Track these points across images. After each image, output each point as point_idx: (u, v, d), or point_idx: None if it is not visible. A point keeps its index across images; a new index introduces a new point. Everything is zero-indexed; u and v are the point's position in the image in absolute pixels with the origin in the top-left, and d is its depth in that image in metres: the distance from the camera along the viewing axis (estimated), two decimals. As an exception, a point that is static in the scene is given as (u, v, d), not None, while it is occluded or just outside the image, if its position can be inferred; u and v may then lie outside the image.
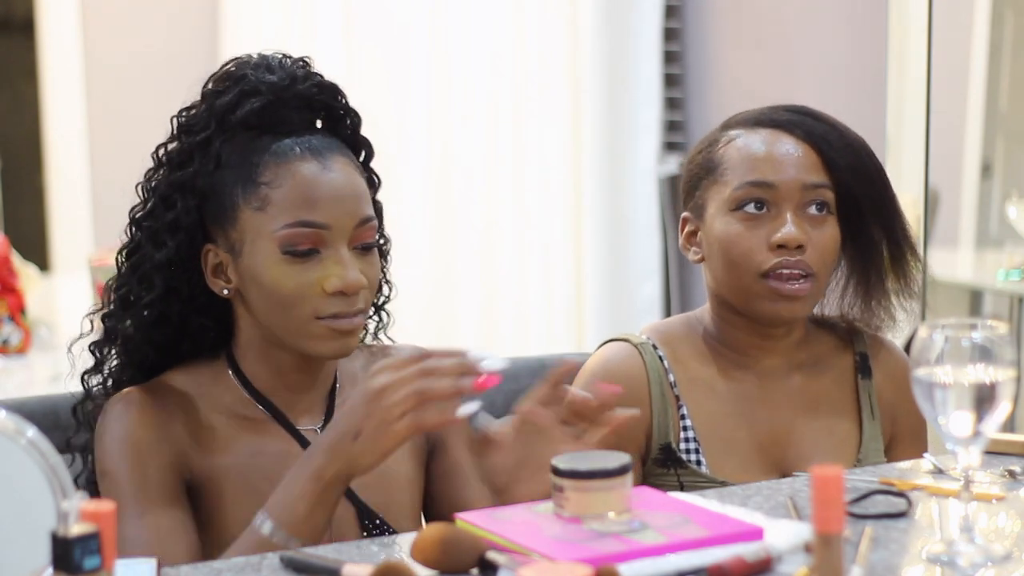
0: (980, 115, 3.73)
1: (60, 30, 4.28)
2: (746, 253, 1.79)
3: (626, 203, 4.26)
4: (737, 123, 1.87)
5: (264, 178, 1.60)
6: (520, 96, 4.23)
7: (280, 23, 4.18)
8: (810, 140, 1.82)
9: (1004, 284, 3.54)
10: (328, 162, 1.61)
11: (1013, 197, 3.56)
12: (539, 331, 4.25)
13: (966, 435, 1.36)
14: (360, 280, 1.59)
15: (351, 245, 1.61)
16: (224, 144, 1.64)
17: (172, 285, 1.66)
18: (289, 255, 1.59)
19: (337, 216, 1.60)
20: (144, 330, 1.68)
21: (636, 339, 1.87)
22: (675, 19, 4.28)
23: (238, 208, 1.62)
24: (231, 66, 1.68)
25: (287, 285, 1.59)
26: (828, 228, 1.81)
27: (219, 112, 1.65)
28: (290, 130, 1.64)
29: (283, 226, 1.59)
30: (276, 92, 1.64)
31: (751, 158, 1.81)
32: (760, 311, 1.81)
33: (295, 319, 1.60)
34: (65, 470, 1.30)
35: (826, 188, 1.81)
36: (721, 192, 1.82)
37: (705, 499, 1.54)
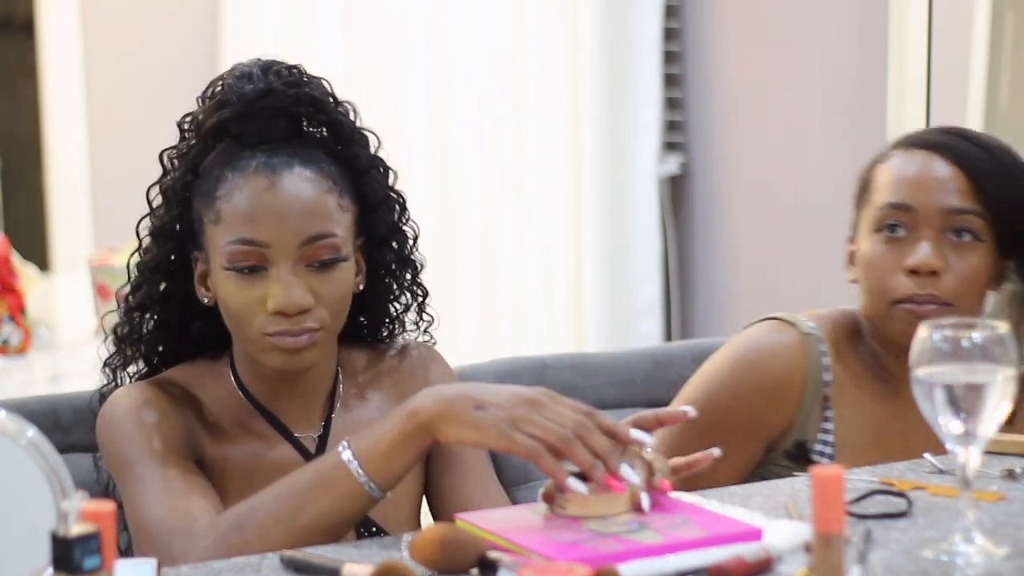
0: (980, 115, 3.73)
1: (60, 30, 4.28)
2: (882, 276, 1.77)
3: (626, 203, 4.25)
4: (900, 143, 1.84)
5: (220, 192, 1.61)
6: (520, 96, 4.22)
7: (280, 23, 4.18)
8: (960, 163, 1.77)
9: (1004, 284, 3.54)
10: (278, 179, 1.60)
11: (1013, 197, 3.56)
12: (539, 331, 4.24)
13: (966, 435, 1.36)
14: (302, 301, 1.58)
15: (302, 262, 1.59)
16: (201, 153, 1.65)
17: (168, 291, 1.68)
18: (234, 271, 1.59)
19: (278, 234, 1.58)
20: (148, 335, 1.69)
21: (803, 327, 1.82)
22: (675, 19, 4.28)
23: (203, 219, 1.63)
24: (222, 75, 1.68)
25: (234, 301, 1.60)
26: (973, 256, 1.77)
27: (197, 121, 1.66)
28: (260, 141, 1.63)
29: (227, 242, 1.60)
30: (246, 103, 1.63)
31: (896, 180, 1.79)
32: (893, 338, 1.77)
33: (247, 333, 1.61)
34: (65, 470, 1.30)
35: (972, 215, 1.76)
36: (869, 212, 1.81)
37: (705, 499, 1.54)
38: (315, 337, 1.60)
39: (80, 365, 3.14)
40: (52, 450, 1.30)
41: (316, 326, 1.60)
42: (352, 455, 1.46)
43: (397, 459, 1.46)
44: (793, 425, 1.79)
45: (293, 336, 1.59)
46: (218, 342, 1.71)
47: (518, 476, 2.00)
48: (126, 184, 4.50)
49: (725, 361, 1.82)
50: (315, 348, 1.61)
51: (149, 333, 1.70)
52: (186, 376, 1.68)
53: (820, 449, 1.79)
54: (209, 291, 1.65)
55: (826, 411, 1.80)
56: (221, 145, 1.65)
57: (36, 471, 1.28)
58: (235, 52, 4.19)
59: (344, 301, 1.64)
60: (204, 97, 1.68)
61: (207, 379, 1.68)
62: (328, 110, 1.67)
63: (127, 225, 4.52)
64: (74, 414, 1.84)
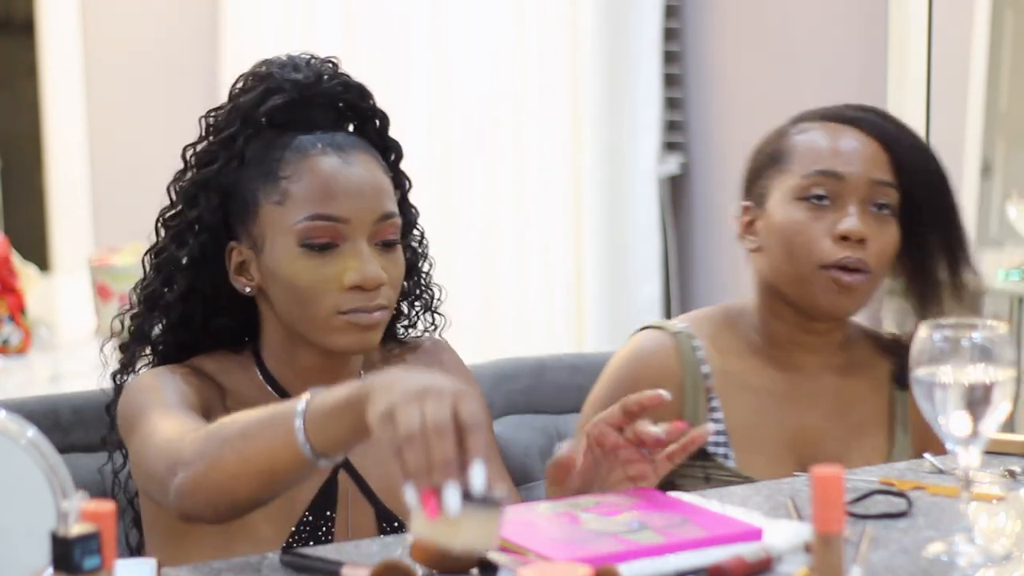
0: (980, 115, 3.73)
1: (60, 30, 4.28)
2: (808, 243, 1.79)
3: (626, 203, 4.26)
4: (807, 117, 1.87)
5: (284, 172, 1.61)
6: (520, 96, 4.22)
7: (280, 24, 4.19)
8: (880, 138, 1.83)
9: (1004, 284, 3.54)
10: (349, 157, 1.62)
11: (1013, 197, 3.55)
12: (539, 331, 4.24)
13: (966, 435, 1.36)
14: (379, 275, 1.59)
15: (372, 241, 1.61)
16: (248, 141, 1.65)
17: (195, 285, 1.67)
18: (307, 248, 1.59)
19: (356, 210, 1.59)
20: (168, 330, 1.69)
21: (672, 327, 1.86)
22: (675, 19, 4.28)
23: (259, 203, 1.62)
24: (261, 66, 1.68)
25: (305, 279, 1.59)
26: (889, 229, 1.81)
27: (244, 109, 1.65)
28: (314, 128, 1.64)
29: (301, 219, 1.59)
30: (300, 90, 1.65)
31: (820, 149, 1.82)
32: (815, 302, 1.80)
33: (315, 313, 1.60)
34: (65, 470, 1.30)
35: (892, 188, 1.81)
36: (786, 181, 1.83)
37: (705, 499, 1.54)
38: (384, 315, 1.61)
39: (80, 365, 3.14)
40: (52, 450, 1.30)
41: (386, 303, 1.61)
42: (305, 405, 1.38)
43: (333, 423, 1.35)
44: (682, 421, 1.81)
45: (367, 312, 1.59)
46: (237, 338, 1.70)
47: (518, 476, 2.00)
48: (126, 184, 4.51)
49: (605, 380, 1.86)
50: (380, 328, 1.62)
51: (168, 331, 1.69)
52: (212, 365, 1.68)
53: (714, 440, 1.81)
54: (251, 280, 1.64)
55: (711, 403, 1.83)
56: (266, 132, 1.65)
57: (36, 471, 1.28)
58: (235, 52, 4.19)
59: (401, 283, 1.66)
60: (239, 90, 1.67)
61: (233, 369, 1.68)
62: (372, 100, 1.71)
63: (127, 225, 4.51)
64: (74, 414, 1.84)
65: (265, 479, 1.40)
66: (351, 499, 1.65)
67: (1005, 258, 3.59)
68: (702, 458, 1.79)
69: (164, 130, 4.37)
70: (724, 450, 1.81)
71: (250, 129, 1.65)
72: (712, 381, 1.84)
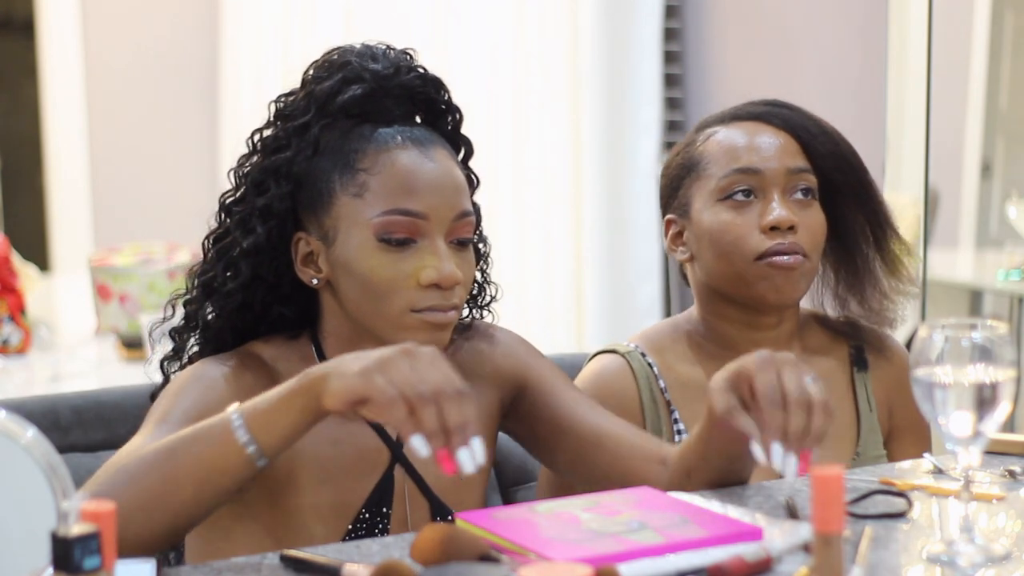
0: (980, 115, 3.73)
1: (60, 30, 4.29)
2: (738, 239, 1.80)
3: (626, 203, 4.26)
4: (713, 121, 1.89)
5: (363, 164, 1.58)
6: (520, 96, 4.23)
7: (280, 24, 4.19)
8: (789, 128, 1.84)
9: (1004, 284, 3.54)
10: (429, 152, 1.59)
11: (1013, 197, 3.56)
12: (539, 331, 4.25)
13: (966, 435, 1.36)
14: (456, 274, 1.56)
15: (448, 238, 1.58)
16: (323, 130, 1.61)
17: (258, 272, 1.62)
18: (384, 243, 1.56)
19: (435, 206, 1.57)
20: (225, 316, 1.64)
21: (624, 348, 1.87)
22: (675, 19, 4.28)
23: (334, 194, 1.58)
24: (334, 54, 1.64)
25: (381, 275, 1.56)
26: (815, 212, 1.83)
27: (320, 98, 1.61)
28: (390, 120, 1.61)
29: (380, 213, 1.56)
30: (379, 81, 1.61)
31: (734, 148, 1.83)
32: (758, 292, 1.81)
33: (389, 310, 1.57)
34: (65, 470, 1.29)
35: (809, 173, 1.83)
36: (706, 185, 1.84)
37: (705, 499, 1.54)
38: (457, 315, 1.59)
39: (80, 365, 3.14)
40: (52, 450, 1.30)
41: (459, 303, 1.58)
42: (239, 410, 1.37)
43: (280, 417, 1.36)
44: None
45: (442, 312, 1.56)
46: (294, 326, 1.67)
47: (518, 476, 2.00)
48: (126, 184, 4.51)
49: None
50: (451, 327, 1.59)
51: (226, 316, 1.64)
52: (269, 352, 1.64)
53: None
54: (319, 272, 1.61)
55: (673, 415, 1.83)
56: (344, 122, 1.62)
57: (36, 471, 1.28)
58: (235, 52, 4.19)
59: (471, 284, 1.64)
60: (316, 78, 1.63)
61: (293, 357, 1.64)
62: (448, 93, 1.68)
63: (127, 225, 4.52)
64: (74, 414, 1.84)
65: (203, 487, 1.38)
66: (408, 494, 1.64)
67: (1005, 258, 3.59)
68: None
69: (164, 130, 4.37)
70: None
71: (326, 118, 1.61)
72: (670, 394, 1.84)
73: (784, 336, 1.87)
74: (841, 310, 1.91)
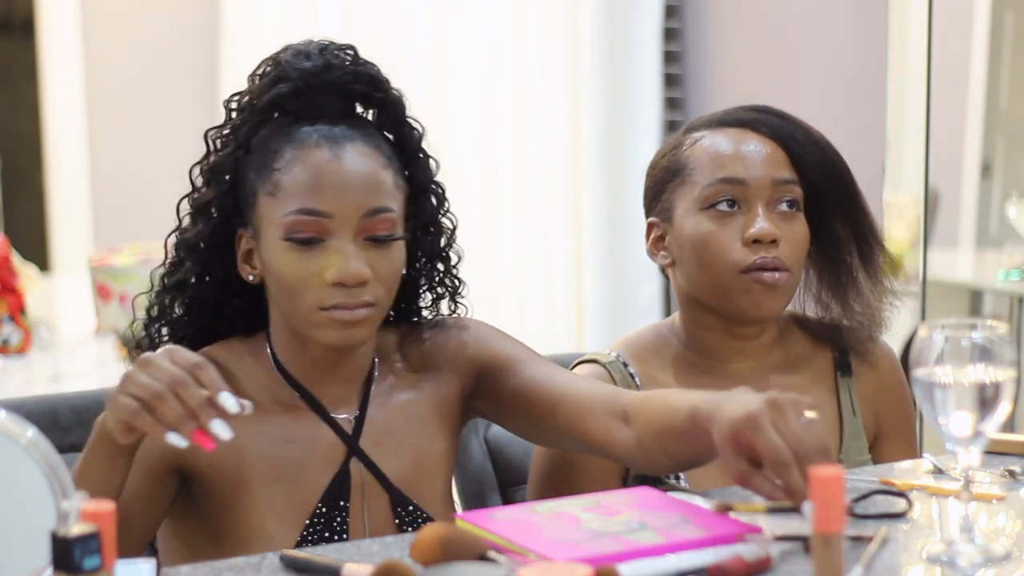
0: (980, 115, 3.73)
1: (60, 30, 4.28)
2: (720, 251, 1.78)
3: (626, 203, 4.26)
4: (701, 125, 1.86)
5: (278, 164, 1.60)
6: (520, 96, 4.23)
7: (280, 24, 4.19)
8: (776, 137, 1.82)
9: (1004, 284, 3.54)
10: (341, 151, 1.60)
11: (1013, 197, 3.56)
12: (539, 331, 4.24)
13: (966, 435, 1.36)
14: (361, 272, 1.57)
15: (360, 236, 1.59)
16: (254, 129, 1.64)
17: (208, 268, 1.67)
18: (292, 242, 1.58)
19: (341, 205, 1.58)
20: (185, 312, 1.68)
21: (605, 358, 1.85)
22: (675, 19, 4.28)
23: (257, 193, 1.62)
24: (278, 51, 1.67)
25: (291, 273, 1.58)
26: (799, 224, 1.80)
27: (252, 96, 1.65)
28: (322, 117, 1.63)
29: (288, 213, 1.58)
30: (306, 78, 1.63)
31: (719, 156, 1.81)
32: (739, 306, 1.79)
33: (300, 308, 1.59)
34: (65, 470, 1.29)
35: (795, 184, 1.81)
36: (690, 192, 1.81)
37: (705, 499, 1.54)
38: (370, 313, 1.59)
39: (80, 365, 3.14)
40: (52, 450, 1.30)
41: (371, 300, 1.59)
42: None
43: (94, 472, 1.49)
44: None
45: (349, 309, 1.58)
46: (253, 322, 1.70)
47: (518, 476, 2.00)
48: (126, 184, 4.51)
49: None
50: (367, 324, 1.60)
51: (184, 312, 1.69)
52: (224, 353, 1.67)
53: None
54: (255, 269, 1.64)
55: None
56: (275, 121, 1.65)
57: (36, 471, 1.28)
58: (235, 52, 4.19)
59: (396, 280, 1.64)
60: (255, 76, 1.67)
61: (245, 356, 1.67)
62: (384, 89, 1.68)
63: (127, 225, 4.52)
64: (74, 414, 1.84)
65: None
66: (365, 487, 1.64)
67: (1005, 258, 3.59)
68: (655, 481, 1.78)
69: (164, 130, 4.37)
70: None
71: (258, 116, 1.64)
72: None
73: (766, 345, 1.86)
74: (824, 313, 1.89)
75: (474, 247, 4.18)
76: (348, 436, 1.65)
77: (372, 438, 1.66)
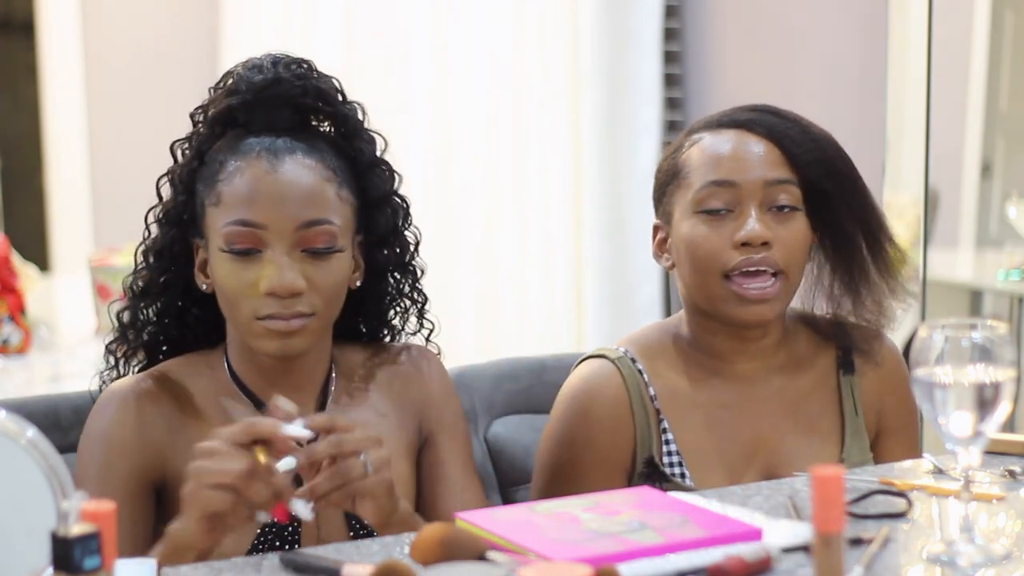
0: (980, 115, 3.73)
1: (60, 30, 4.28)
2: (710, 254, 1.77)
3: (626, 203, 4.26)
4: (701, 126, 1.85)
5: (222, 175, 1.63)
6: (520, 96, 4.23)
7: (280, 24, 4.19)
8: (772, 137, 1.80)
9: (1004, 284, 3.54)
10: (279, 163, 1.61)
11: (1013, 197, 3.56)
12: (539, 331, 4.25)
13: (966, 435, 1.36)
14: (295, 284, 1.58)
15: (297, 248, 1.60)
16: (207, 140, 1.67)
17: (167, 278, 1.70)
18: (231, 254, 1.60)
19: (275, 217, 1.59)
20: (150, 322, 1.71)
21: (613, 354, 1.84)
22: (675, 19, 4.28)
23: (205, 204, 1.64)
24: (236, 65, 1.70)
25: (228, 283, 1.61)
26: (795, 224, 1.79)
27: (206, 110, 1.68)
28: (269, 129, 1.65)
29: (226, 224, 1.61)
30: (254, 92, 1.65)
31: (712, 158, 1.80)
32: (726, 315, 1.78)
33: (239, 318, 1.62)
34: (65, 470, 1.29)
35: (790, 184, 1.79)
36: (685, 195, 1.81)
37: (705, 499, 1.54)
38: (306, 323, 1.61)
39: (80, 365, 3.14)
40: (52, 450, 1.30)
41: (308, 311, 1.60)
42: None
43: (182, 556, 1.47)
44: (637, 446, 1.80)
45: (284, 320, 1.59)
46: (215, 332, 1.72)
47: (518, 476, 2.00)
48: (126, 184, 4.51)
49: (557, 414, 1.84)
50: (306, 334, 1.62)
51: (151, 321, 1.72)
52: (182, 368, 1.69)
53: (668, 461, 1.79)
54: (208, 278, 1.66)
55: (662, 423, 1.81)
56: (229, 133, 1.67)
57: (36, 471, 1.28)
58: (235, 52, 4.19)
59: (338, 291, 1.64)
60: (215, 88, 1.70)
61: (202, 369, 1.70)
62: (334, 103, 1.69)
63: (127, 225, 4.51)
64: (74, 414, 1.84)
65: None
66: None
67: (1005, 258, 3.59)
68: (660, 480, 1.78)
69: (164, 130, 4.37)
70: (680, 469, 1.79)
71: (211, 128, 1.67)
72: (659, 403, 1.82)
73: (770, 346, 1.85)
74: (835, 309, 1.88)
75: (474, 247, 4.21)
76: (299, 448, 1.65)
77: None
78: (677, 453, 1.79)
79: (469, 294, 4.23)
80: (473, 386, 2.02)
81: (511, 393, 2.08)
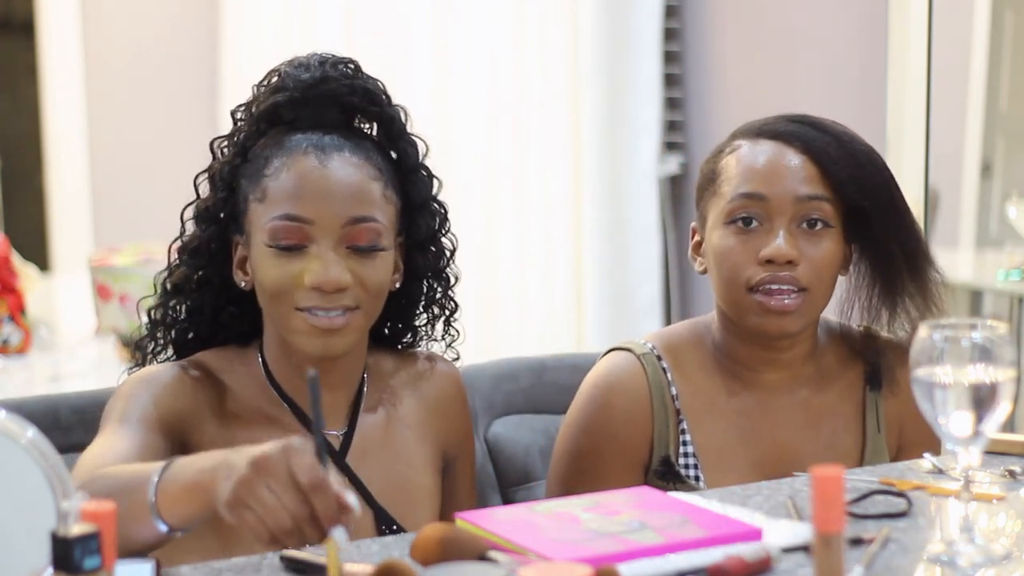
0: (980, 115, 3.73)
1: (60, 30, 4.28)
2: (735, 267, 1.76)
3: (626, 203, 4.26)
4: (743, 132, 1.83)
5: (267, 171, 1.62)
6: (520, 96, 4.23)
7: (280, 24, 4.18)
8: (809, 152, 1.77)
9: (1004, 284, 3.54)
10: (328, 159, 1.61)
11: (1013, 197, 3.56)
12: (539, 331, 4.24)
13: (966, 435, 1.36)
14: (340, 278, 1.58)
15: (342, 244, 1.60)
16: (251, 137, 1.67)
17: (205, 275, 1.69)
18: (276, 249, 1.60)
19: (323, 213, 1.59)
20: (182, 319, 1.71)
21: (639, 348, 1.83)
22: (675, 19, 4.28)
23: (248, 200, 1.64)
24: (282, 63, 1.70)
25: (271, 277, 1.60)
26: (825, 243, 1.76)
27: (252, 106, 1.68)
28: (315, 127, 1.65)
29: (272, 218, 1.60)
30: (302, 89, 1.66)
31: (747, 170, 1.78)
32: (750, 325, 1.77)
33: (280, 311, 1.61)
34: (65, 470, 1.29)
35: (823, 200, 1.76)
36: (718, 204, 1.79)
37: (705, 499, 1.54)
38: (350, 318, 1.60)
39: (80, 365, 3.14)
40: (52, 450, 1.30)
41: (352, 304, 1.60)
42: (159, 478, 1.36)
43: (183, 506, 1.35)
44: (654, 443, 1.79)
45: (326, 314, 1.58)
46: (249, 330, 1.71)
47: (518, 476, 2.00)
48: (126, 184, 4.51)
49: (578, 404, 1.84)
50: (348, 333, 1.61)
51: (184, 318, 1.71)
52: (216, 361, 1.69)
53: (684, 462, 1.79)
54: (247, 276, 1.66)
55: (681, 424, 1.80)
56: (273, 130, 1.66)
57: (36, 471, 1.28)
58: (235, 52, 4.19)
59: (382, 289, 1.64)
60: (259, 86, 1.70)
61: (236, 365, 1.69)
62: (381, 104, 1.70)
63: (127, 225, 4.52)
64: (74, 414, 1.84)
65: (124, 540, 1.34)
66: None
67: (1005, 258, 3.59)
68: (674, 480, 1.78)
69: (164, 130, 4.37)
70: (695, 472, 1.78)
71: (256, 125, 1.67)
72: (680, 403, 1.81)
73: (799, 358, 1.83)
74: (870, 321, 1.84)
75: (474, 247, 4.20)
76: (335, 451, 1.66)
77: (359, 455, 1.67)
78: (693, 455, 1.79)
79: (469, 294, 4.21)
80: (473, 386, 2.02)
81: (511, 393, 2.08)
